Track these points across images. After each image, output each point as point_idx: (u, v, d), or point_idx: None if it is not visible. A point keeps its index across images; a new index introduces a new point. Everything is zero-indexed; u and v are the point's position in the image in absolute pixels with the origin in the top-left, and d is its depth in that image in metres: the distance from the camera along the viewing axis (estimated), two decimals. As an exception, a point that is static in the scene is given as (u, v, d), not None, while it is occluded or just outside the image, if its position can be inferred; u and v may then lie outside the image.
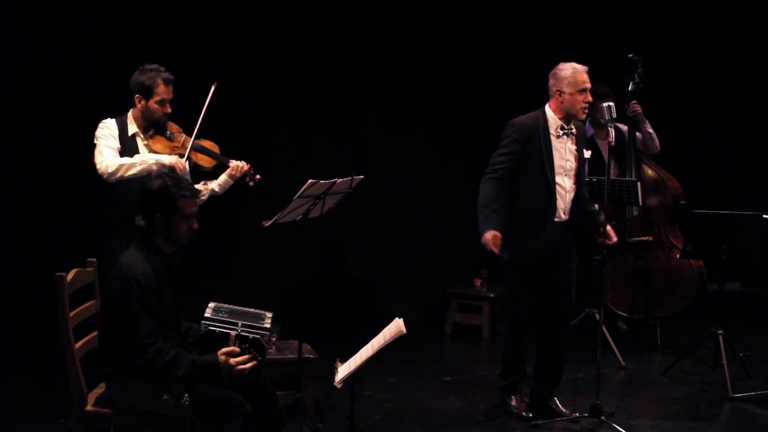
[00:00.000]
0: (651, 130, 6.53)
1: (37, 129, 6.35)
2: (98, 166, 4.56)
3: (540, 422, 5.01)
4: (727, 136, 8.36)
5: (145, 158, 4.59)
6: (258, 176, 4.92)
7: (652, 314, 6.62)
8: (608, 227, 5.05)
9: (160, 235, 3.71)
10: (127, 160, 4.58)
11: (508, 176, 4.90)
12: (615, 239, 5.07)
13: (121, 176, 4.52)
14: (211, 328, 3.68)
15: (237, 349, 3.65)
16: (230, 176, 4.87)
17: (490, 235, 4.76)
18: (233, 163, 4.85)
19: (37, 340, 5.92)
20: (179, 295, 3.84)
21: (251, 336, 3.68)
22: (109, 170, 4.53)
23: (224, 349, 3.62)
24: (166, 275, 3.71)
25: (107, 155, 4.57)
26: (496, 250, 4.77)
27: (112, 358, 3.64)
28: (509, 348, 5.15)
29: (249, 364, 3.64)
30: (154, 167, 4.52)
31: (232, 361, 3.61)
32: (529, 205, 4.90)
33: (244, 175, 4.88)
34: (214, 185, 4.89)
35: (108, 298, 3.66)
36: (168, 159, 4.61)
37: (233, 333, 3.67)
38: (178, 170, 4.59)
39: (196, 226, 3.77)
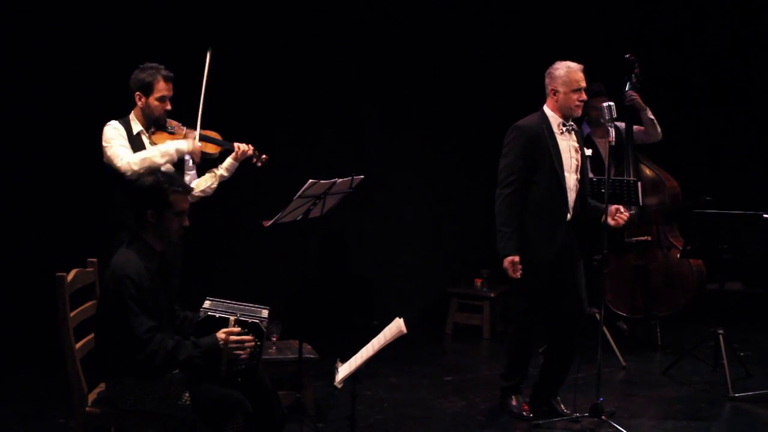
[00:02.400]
0: (652, 117, 6.53)
1: (38, 129, 6.35)
2: (120, 165, 4.54)
3: (541, 422, 5.01)
4: (726, 136, 8.36)
5: (165, 149, 4.63)
6: (264, 156, 4.96)
7: (652, 314, 6.62)
8: (614, 208, 4.97)
9: (151, 232, 3.70)
10: (147, 153, 4.59)
11: (525, 184, 4.89)
12: (626, 214, 4.98)
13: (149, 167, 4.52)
14: (210, 313, 3.69)
15: (237, 329, 3.65)
16: (235, 159, 4.91)
17: (509, 262, 4.83)
18: (237, 145, 4.89)
19: (37, 340, 5.92)
20: (174, 294, 3.85)
21: (250, 321, 3.70)
22: (134, 167, 4.52)
23: (224, 329, 3.62)
24: (159, 273, 3.71)
25: (125, 154, 4.57)
26: (517, 275, 4.84)
27: (110, 359, 3.63)
28: (515, 349, 5.14)
29: (248, 344, 3.63)
30: (176, 156, 4.65)
31: (232, 338, 3.60)
32: (541, 206, 4.89)
33: (250, 157, 4.92)
34: (221, 171, 4.92)
35: (104, 300, 3.66)
36: (186, 145, 4.69)
37: (232, 318, 3.68)
38: (196, 155, 4.71)
39: (187, 223, 3.77)
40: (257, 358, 3.73)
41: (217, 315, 3.68)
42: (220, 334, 3.60)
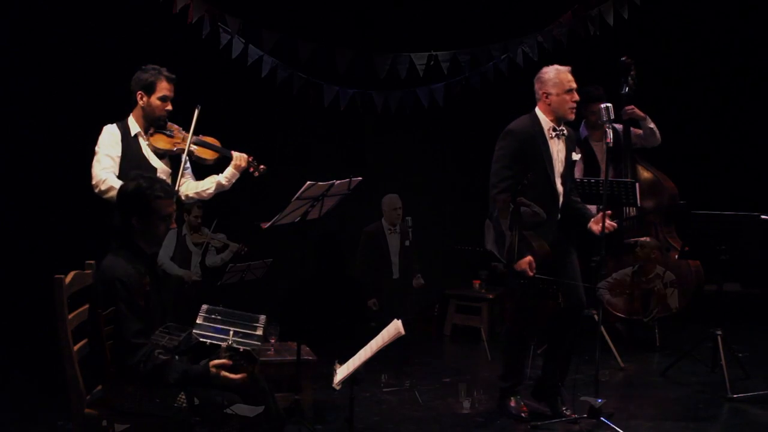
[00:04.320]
0: (652, 125, 6.55)
1: (37, 132, 6.36)
2: (94, 176, 4.55)
3: (539, 423, 5.01)
4: (725, 136, 8.37)
5: None
6: (262, 166, 4.94)
7: (650, 315, 6.62)
8: (602, 215, 4.99)
9: (139, 236, 3.71)
10: (117, 185, 4.53)
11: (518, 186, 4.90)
12: (612, 223, 4.98)
13: (109, 198, 4.51)
14: (201, 340, 3.66)
15: (228, 362, 3.62)
16: (236, 168, 4.86)
17: (526, 263, 4.82)
18: (236, 154, 4.86)
19: (35, 342, 5.92)
20: (166, 294, 3.84)
21: (242, 349, 3.65)
22: (102, 187, 4.52)
23: (216, 362, 3.61)
24: (149, 274, 3.71)
25: (107, 165, 4.56)
26: (531, 274, 4.83)
27: (104, 363, 3.63)
28: (511, 350, 5.15)
29: (240, 377, 3.63)
30: None
31: (223, 373, 3.60)
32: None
33: (248, 165, 4.89)
34: (220, 178, 4.88)
35: (95, 304, 3.65)
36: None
37: (224, 345, 3.64)
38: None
39: (174, 225, 3.77)
40: (248, 383, 3.71)
41: (208, 342, 3.63)
42: (212, 368, 3.60)
